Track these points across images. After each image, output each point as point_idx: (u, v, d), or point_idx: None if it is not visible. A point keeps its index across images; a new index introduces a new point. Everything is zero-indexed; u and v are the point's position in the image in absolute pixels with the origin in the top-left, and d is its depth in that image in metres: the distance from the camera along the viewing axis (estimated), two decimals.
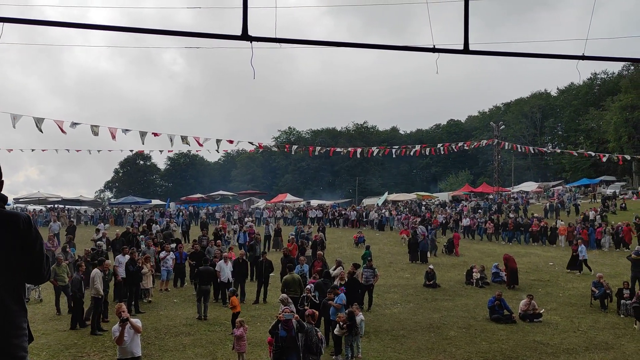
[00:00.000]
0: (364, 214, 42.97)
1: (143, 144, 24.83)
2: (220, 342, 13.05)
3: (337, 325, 11.84)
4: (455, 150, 44.00)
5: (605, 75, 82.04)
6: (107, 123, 22.14)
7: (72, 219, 39.05)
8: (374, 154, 41.56)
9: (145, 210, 48.47)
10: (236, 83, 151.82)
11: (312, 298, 13.51)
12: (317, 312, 11.64)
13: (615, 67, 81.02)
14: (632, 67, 70.45)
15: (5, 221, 2.64)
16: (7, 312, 2.62)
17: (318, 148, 40.80)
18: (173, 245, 20.99)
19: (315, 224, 38.68)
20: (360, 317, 12.25)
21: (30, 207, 49.68)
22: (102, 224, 35.71)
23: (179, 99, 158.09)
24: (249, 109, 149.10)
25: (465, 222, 36.35)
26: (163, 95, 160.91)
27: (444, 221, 36.43)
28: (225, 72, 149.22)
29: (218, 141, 28.27)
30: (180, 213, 43.18)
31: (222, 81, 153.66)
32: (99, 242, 21.16)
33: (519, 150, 47.12)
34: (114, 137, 23.74)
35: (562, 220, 34.02)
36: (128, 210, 49.50)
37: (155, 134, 25.59)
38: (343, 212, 44.53)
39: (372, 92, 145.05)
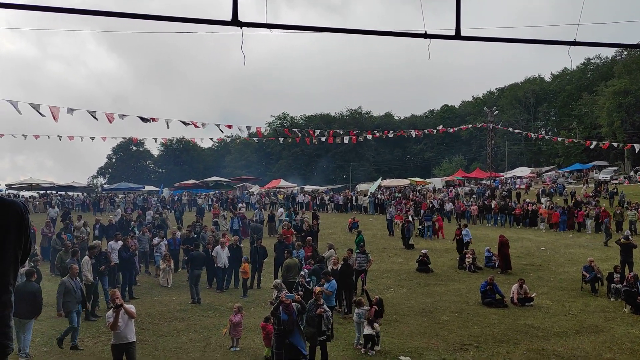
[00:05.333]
0: (353, 198, 43.25)
1: (149, 120, 24.59)
2: (214, 327, 13.12)
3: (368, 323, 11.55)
4: (452, 131, 44.34)
5: (599, 61, 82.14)
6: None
7: (66, 206, 38.94)
8: (373, 135, 41.78)
9: (124, 196, 48.23)
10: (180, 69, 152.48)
11: (306, 284, 13.60)
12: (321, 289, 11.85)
13: (609, 52, 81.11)
14: (625, 53, 70.46)
15: (12, 209, 2.65)
16: (10, 300, 2.63)
17: (317, 132, 40.80)
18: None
19: (307, 210, 38.81)
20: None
21: (23, 194, 49.33)
22: (118, 209, 34.59)
23: (129, 84, 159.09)
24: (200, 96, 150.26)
25: (449, 207, 36.49)
26: (111, 81, 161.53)
27: (431, 205, 36.51)
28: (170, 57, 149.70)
29: (217, 125, 28.44)
30: (171, 199, 43.21)
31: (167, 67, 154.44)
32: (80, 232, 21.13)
33: (511, 130, 47.35)
34: (110, 121, 23.58)
35: (542, 203, 34.47)
36: (120, 196, 49.30)
37: (153, 119, 25.43)
38: (333, 197, 44.89)
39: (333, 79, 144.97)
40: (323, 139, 40.54)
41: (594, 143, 42.98)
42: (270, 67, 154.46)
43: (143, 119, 24.56)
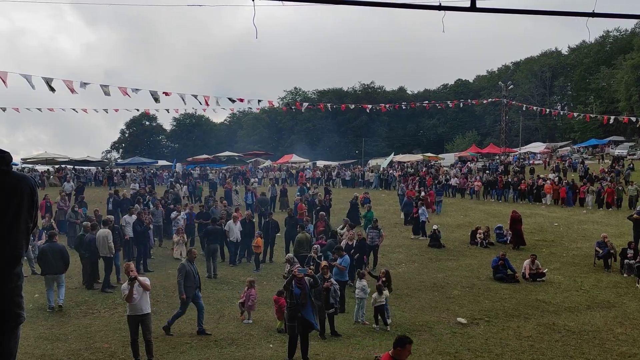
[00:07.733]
0: (360, 174, 43.31)
1: (158, 102, 24.14)
2: (227, 300, 13.33)
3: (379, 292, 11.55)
4: (464, 104, 44.07)
5: (618, 33, 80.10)
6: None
7: (81, 180, 39.32)
8: (387, 105, 41.65)
9: (133, 170, 48.54)
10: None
11: (317, 259, 13.74)
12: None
13: (628, 25, 78.85)
14: None
15: (24, 184, 2.72)
16: (21, 271, 2.70)
17: (328, 105, 40.78)
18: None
19: (319, 185, 38.93)
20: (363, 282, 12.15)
21: (38, 168, 49.84)
22: (134, 184, 34.38)
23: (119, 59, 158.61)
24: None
25: (454, 181, 36.36)
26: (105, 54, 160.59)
27: (436, 181, 36.32)
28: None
29: (230, 99, 28.32)
30: (182, 174, 43.45)
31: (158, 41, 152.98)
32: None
33: (524, 109, 46.89)
34: (125, 94, 23.50)
35: (548, 179, 34.18)
36: (133, 170, 49.67)
37: (167, 93, 25.36)
38: (340, 173, 44.97)
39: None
40: (335, 106, 40.47)
41: (612, 118, 42.18)
42: (279, 41, 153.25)
43: (155, 97, 24.41)
